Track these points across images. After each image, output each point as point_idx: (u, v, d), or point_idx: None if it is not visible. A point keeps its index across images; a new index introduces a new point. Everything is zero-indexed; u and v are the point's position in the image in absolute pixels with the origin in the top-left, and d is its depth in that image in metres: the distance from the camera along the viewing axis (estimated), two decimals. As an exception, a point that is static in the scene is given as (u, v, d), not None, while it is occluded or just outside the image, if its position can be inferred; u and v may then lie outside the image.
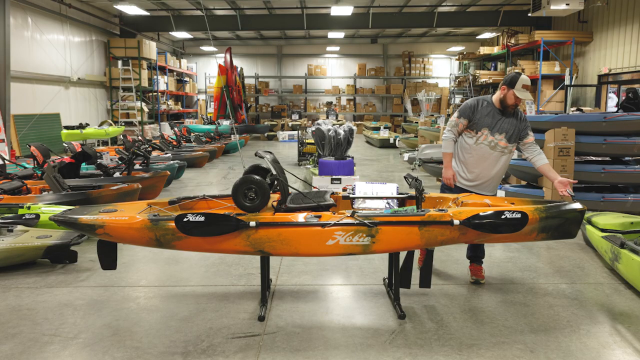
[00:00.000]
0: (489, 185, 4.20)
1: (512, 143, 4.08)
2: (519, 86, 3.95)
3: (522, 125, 4.08)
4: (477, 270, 4.30)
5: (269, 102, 25.77)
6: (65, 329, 3.40)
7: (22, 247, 4.47)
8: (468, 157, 4.15)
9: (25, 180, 6.67)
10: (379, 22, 17.89)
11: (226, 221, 3.25)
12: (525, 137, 4.11)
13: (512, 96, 3.97)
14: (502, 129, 4.03)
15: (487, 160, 4.09)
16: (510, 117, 4.06)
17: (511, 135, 4.06)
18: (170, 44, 23.63)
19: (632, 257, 3.96)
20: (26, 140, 11.89)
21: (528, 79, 3.97)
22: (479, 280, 4.25)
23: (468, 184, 4.19)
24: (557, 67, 14.54)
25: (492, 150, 4.07)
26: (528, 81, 3.97)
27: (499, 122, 4.03)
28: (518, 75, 3.96)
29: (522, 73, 4.06)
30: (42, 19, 13.61)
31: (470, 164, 4.15)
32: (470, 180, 4.17)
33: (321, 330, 3.38)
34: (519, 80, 3.95)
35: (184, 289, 4.14)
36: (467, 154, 4.15)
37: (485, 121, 4.04)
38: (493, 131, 4.03)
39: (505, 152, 4.10)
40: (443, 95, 23.29)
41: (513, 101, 3.98)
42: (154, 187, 7.31)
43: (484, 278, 4.28)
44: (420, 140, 12.72)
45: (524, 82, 3.95)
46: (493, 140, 4.04)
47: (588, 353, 3.08)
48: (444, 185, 4.32)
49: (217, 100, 16.73)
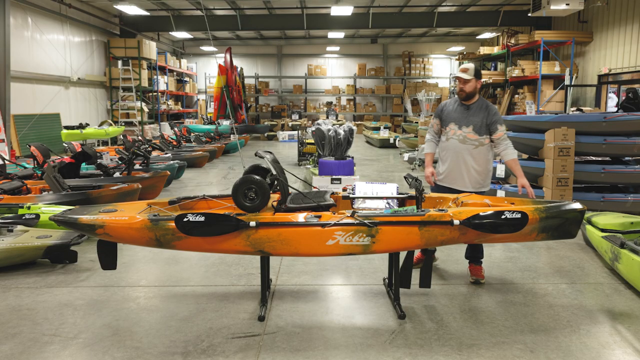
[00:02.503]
0: (467, 180, 4.24)
1: (482, 135, 4.17)
2: (458, 71, 4.26)
3: (491, 119, 4.17)
4: (476, 270, 4.30)
5: (269, 102, 25.76)
6: (65, 329, 3.40)
7: (22, 247, 4.47)
8: (444, 154, 4.34)
9: (25, 180, 6.67)
10: (379, 22, 17.89)
11: (226, 221, 3.25)
12: (495, 131, 4.18)
13: (458, 83, 4.22)
14: (470, 122, 4.18)
15: (461, 154, 4.21)
16: (478, 110, 4.20)
17: (479, 128, 4.16)
18: (170, 44, 23.63)
19: (632, 257, 3.96)
20: (26, 140, 11.89)
21: (465, 65, 4.24)
22: (479, 280, 4.25)
23: (445, 180, 4.32)
24: (557, 67, 14.53)
25: (462, 144, 4.20)
26: (463, 66, 4.23)
27: (466, 116, 4.21)
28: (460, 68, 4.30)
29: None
30: (42, 19, 13.61)
31: (446, 159, 4.31)
32: (447, 175, 4.30)
33: (321, 330, 3.38)
34: (459, 68, 4.33)
35: (184, 289, 4.14)
36: (443, 151, 4.35)
37: (452, 116, 4.25)
38: (461, 125, 4.21)
39: (477, 145, 4.18)
40: (443, 95, 23.28)
41: (459, 86, 4.22)
42: (154, 187, 7.31)
43: (483, 278, 4.28)
44: (420, 140, 12.71)
45: (460, 68, 4.26)
46: (462, 134, 4.20)
47: (588, 353, 3.08)
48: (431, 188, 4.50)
49: (217, 100, 16.72)
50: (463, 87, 4.18)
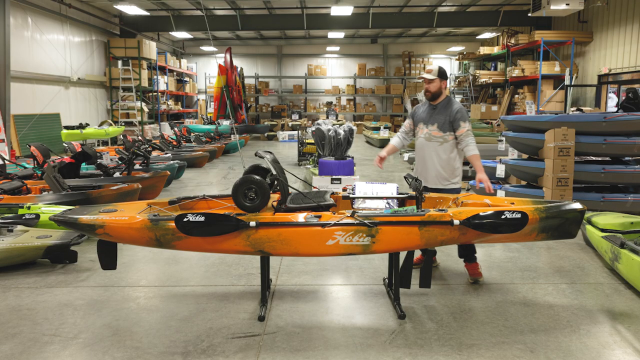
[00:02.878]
0: (433, 176, 4.36)
1: (445, 132, 4.29)
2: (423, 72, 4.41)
3: (454, 116, 4.27)
4: (473, 268, 4.33)
5: (269, 102, 25.76)
6: (65, 329, 3.40)
7: (22, 247, 4.47)
8: (417, 154, 4.53)
9: (25, 180, 6.67)
10: (379, 22, 17.89)
11: (226, 221, 3.25)
12: (457, 128, 4.28)
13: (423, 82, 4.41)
14: (435, 120, 4.34)
15: (427, 151, 4.38)
16: (443, 109, 4.33)
17: (442, 125, 4.30)
18: (170, 44, 23.63)
19: (632, 257, 3.96)
20: (26, 140, 11.89)
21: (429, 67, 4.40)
22: (478, 279, 4.26)
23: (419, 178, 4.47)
24: (557, 67, 14.54)
25: (428, 141, 4.37)
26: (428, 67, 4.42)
27: (432, 115, 4.37)
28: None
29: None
30: (42, 19, 13.61)
31: (417, 158, 4.54)
32: (418, 173, 4.48)
33: (321, 330, 3.38)
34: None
35: (184, 289, 4.14)
36: (416, 152, 4.53)
37: (421, 117, 4.46)
38: (427, 124, 4.38)
39: (442, 142, 4.32)
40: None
41: (424, 86, 4.38)
42: (154, 187, 7.31)
43: (481, 275, 4.30)
44: (420, 140, 12.70)
45: (426, 69, 4.43)
46: (428, 132, 4.37)
47: (588, 353, 3.08)
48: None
49: (217, 100, 16.72)
50: (428, 87, 4.34)
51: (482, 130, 11.74)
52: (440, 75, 4.31)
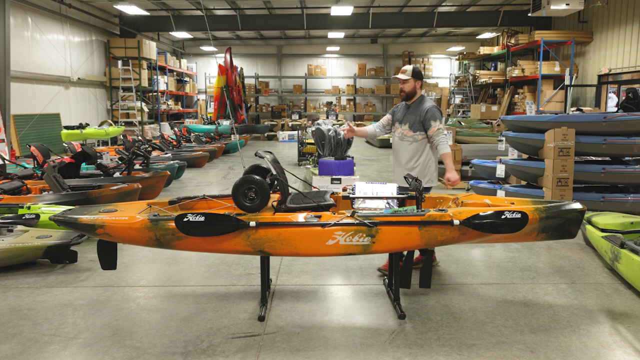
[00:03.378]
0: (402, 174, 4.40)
1: (416, 132, 4.36)
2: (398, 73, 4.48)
3: (425, 116, 4.33)
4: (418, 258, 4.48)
5: (269, 102, 25.76)
6: (65, 329, 3.40)
7: (22, 247, 4.47)
8: (392, 152, 4.61)
9: (25, 180, 6.67)
10: (379, 22, 17.89)
11: (226, 221, 3.25)
12: (429, 127, 4.35)
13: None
14: (407, 119, 4.43)
15: (400, 151, 4.49)
16: (415, 108, 4.41)
17: (413, 124, 4.38)
18: (170, 44, 23.63)
19: (632, 257, 3.96)
20: (26, 140, 11.89)
21: (404, 67, 4.46)
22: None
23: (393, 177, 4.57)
24: (557, 67, 14.54)
25: (401, 140, 4.47)
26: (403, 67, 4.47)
27: (405, 115, 4.47)
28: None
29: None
30: (42, 19, 13.61)
31: (392, 157, 4.61)
32: (393, 171, 4.55)
33: (321, 330, 3.38)
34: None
35: (184, 289, 4.14)
36: (392, 149, 4.62)
37: (397, 116, 4.56)
38: (401, 123, 4.48)
39: (412, 141, 4.38)
40: (443, 95, 23.31)
41: (399, 86, 4.45)
42: (154, 187, 7.31)
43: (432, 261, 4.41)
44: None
45: (400, 70, 4.48)
46: (401, 131, 4.47)
47: (588, 353, 3.08)
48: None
49: (217, 100, 16.71)
50: (402, 87, 4.41)
51: (482, 130, 11.74)
52: (415, 75, 4.37)
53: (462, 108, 20.55)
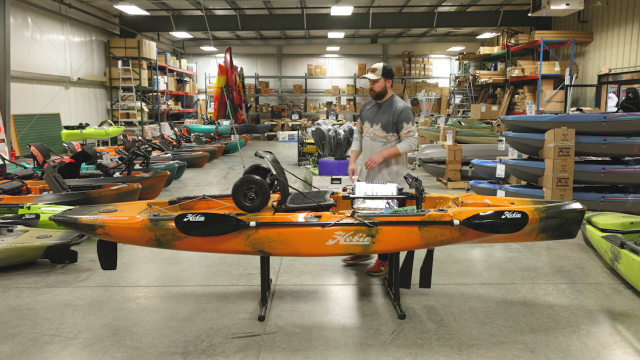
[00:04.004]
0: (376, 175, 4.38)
1: (389, 133, 4.31)
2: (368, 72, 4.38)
3: (398, 117, 4.29)
4: (378, 263, 4.45)
5: (269, 102, 25.76)
6: (65, 329, 3.40)
7: (22, 247, 4.47)
8: (363, 152, 4.52)
9: (25, 180, 6.67)
10: (379, 22, 17.89)
11: (226, 221, 3.25)
12: (401, 129, 4.32)
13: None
14: (378, 119, 4.36)
15: (372, 151, 4.37)
16: (387, 109, 4.34)
17: (386, 125, 4.31)
18: (170, 44, 23.63)
19: (632, 257, 3.96)
20: (26, 140, 11.88)
21: (373, 65, 4.35)
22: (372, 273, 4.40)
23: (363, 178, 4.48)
24: (557, 67, 14.54)
25: (372, 141, 4.40)
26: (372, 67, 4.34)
27: (376, 114, 4.39)
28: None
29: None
30: (42, 19, 13.61)
31: (363, 157, 4.50)
32: (362, 172, 4.46)
33: (321, 330, 3.38)
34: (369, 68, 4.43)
35: (184, 289, 4.14)
36: (363, 150, 4.52)
37: (367, 115, 4.47)
38: (372, 123, 4.40)
39: (385, 142, 4.34)
40: (443, 95, 23.30)
41: (369, 85, 4.35)
42: (154, 187, 7.31)
43: (381, 271, 4.40)
44: (420, 140, 12.72)
45: (370, 68, 4.38)
46: (372, 131, 4.39)
47: (588, 353, 3.08)
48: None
49: (217, 100, 16.68)
50: (372, 86, 4.32)
51: (482, 130, 11.74)
52: (385, 74, 4.28)
53: (462, 108, 20.54)
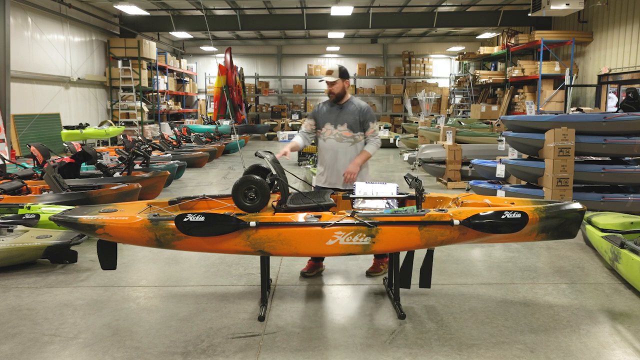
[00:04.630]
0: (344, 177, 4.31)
1: (356, 132, 4.29)
2: (324, 75, 4.31)
3: (365, 117, 4.28)
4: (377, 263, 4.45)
5: (269, 102, 25.76)
6: (65, 329, 3.40)
7: (22, 247, 4.47)
8: (323, 156, 4.42)
9: (25, 180, 6.67)
10: (379, 22, 17.89)
11: (226, 221, 3.25)
12: (367, 128, 4.31)
13: (326, 84, 4.31)
14: (344, 120, 4.28)
15: (338, 152, 4.31)
16: (349, 109, 4.30)
17: (352, 125, 4.27)
18: (170, 44, 23.63)
19: (632, 257, 3.96)
20: (26, 140, 11.89)
21: (329, 67, 4.27)
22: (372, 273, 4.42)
23: (327, 180, 4.39)
24: (557, 67, 14.54)
25: (339, 142, 4.30)
26: (329, 69, 4.27)
27: (339, 115, 4.30)
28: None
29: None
30: (42, 19, 13.61)
31: (324, 160, 4.39)
32: (327, 175, 4.37)
33: (321, 330, 3.38)
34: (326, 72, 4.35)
35: (184, 289, 4.14)
36: (321, 153, 4.43)
37: (326, 117, 4.35)
38: (336, 124, 4.30)
39: (353, 142, 4.31)
40: (443, 95, 23.29)
41: (327, 90, 4.30)
42: (154, 187, 7.31)
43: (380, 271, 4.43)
44: (420, 140, 12.72)
45: (326, 71, 4.31)
46: (337, 132, 4.30)
47: (588, 353, 3.08)
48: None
49: (217, 100, 16.68)
50: (331, 89, 4.25)
51: (482, 130, 11.74)
52: (342, 75, 4.24)
53: (462, 108, 20.54)
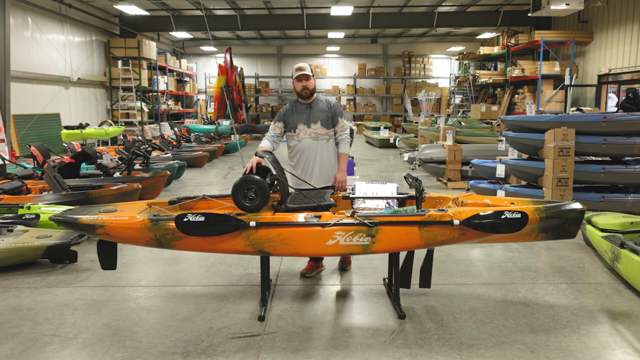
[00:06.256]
0: (319, 174, 4.31)
1: (329, 128, 4.31)
2: (295, 73, 4.25)
3: (333, 112, 4.31)
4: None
5: (269, 102, 25.77)
6: (65, 329, 3.40)
7: (22, 247, 4.47)
8: (297, 157, 4.35)
9: (25, 180, 6.67)
10: (379, 22, 17.89)
11: (226, 221, 3.25)
12: (337, 123, 4.34)
13: (296, 83, 4.25)
14: (316, 118, 4.28)
15: (316, 151, 4.30)
16: (319, 106, 4.31)
17: (325, 121, 4.29)
18: (170, 44, 23.63)
19: (632, 257, 3.96)
20: (26, 140, 11.89)
21: (300, 64, 4.28)
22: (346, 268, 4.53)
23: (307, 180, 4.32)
24: (557, 67, 14.54)
25: (315, 140, 4.29)
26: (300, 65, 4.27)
27: (311, 114, 4.29)
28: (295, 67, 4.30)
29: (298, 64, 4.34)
30: (42, 19, 13.61)
31: (300, 161, 4.34)
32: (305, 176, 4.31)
33: (321, 330, 3.38)
34: (294, 69, 4.30)
35: (184, 289, 4.14)
36: (296, 154, 4.35)
37: (297, 118, 4.30)
38: (309, 123, 4.28)
39: (328, 139, 4.32)
40: (443, 95, 23.30)
41: (300, 87, 4.25)
42: (154, 187, 7.31)
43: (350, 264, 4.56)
44: (420, 140, 12.72)
45: (296, 67, 4.28)
46: (312, 131, 4.29)
47: (588, 353, 3.08)
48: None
49: (217, 100, 16.69)
50: (306, 84, 4.23)
51: (482, 130, 11.74)
52: (312, 73, 4.31)
53: (462, 108, 20.55)
